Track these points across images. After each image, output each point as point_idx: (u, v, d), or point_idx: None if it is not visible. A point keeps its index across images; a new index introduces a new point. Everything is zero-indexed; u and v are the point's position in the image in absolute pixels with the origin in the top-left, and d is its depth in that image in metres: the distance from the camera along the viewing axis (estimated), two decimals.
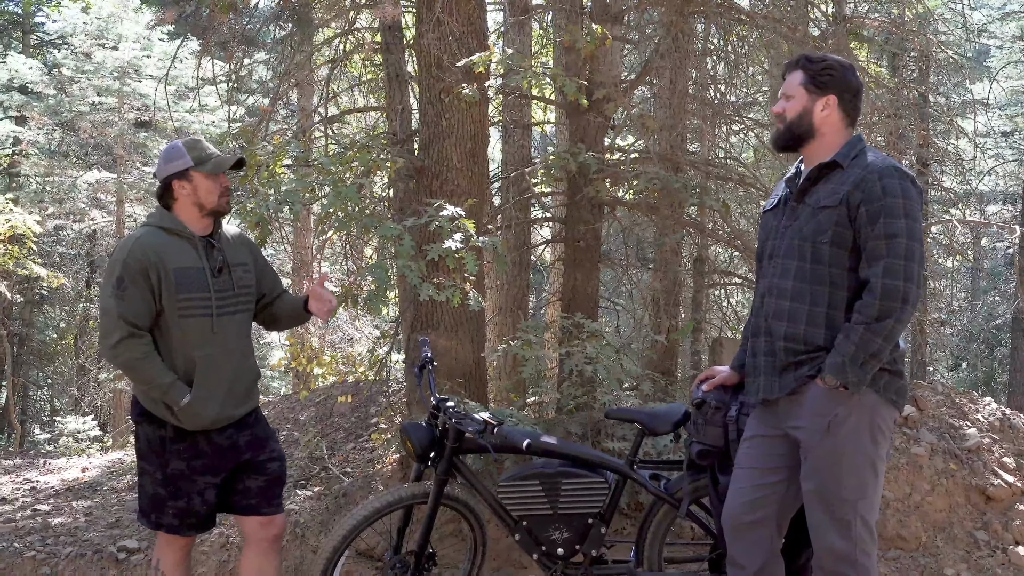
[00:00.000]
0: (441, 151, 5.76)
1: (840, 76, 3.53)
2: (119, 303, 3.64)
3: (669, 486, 4.31)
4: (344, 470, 6.66)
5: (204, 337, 3.78)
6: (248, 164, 5.56)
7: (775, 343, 3.55)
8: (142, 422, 3.86)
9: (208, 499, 3.89)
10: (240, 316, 3.96)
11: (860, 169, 3.39)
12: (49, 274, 16.09)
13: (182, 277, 3.72)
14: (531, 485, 4.27)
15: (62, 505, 6.78)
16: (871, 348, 3.26)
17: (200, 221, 3.86)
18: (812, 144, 3.56)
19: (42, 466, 8.84)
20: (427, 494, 4.27)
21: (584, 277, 6.45)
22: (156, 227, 3.81)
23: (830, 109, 3.52)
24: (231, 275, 3.90)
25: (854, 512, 3.40)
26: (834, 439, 3.39)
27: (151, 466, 3.85)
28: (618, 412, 4.55)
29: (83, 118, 17.25)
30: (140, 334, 3.68)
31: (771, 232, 3.70)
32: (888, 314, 3.24)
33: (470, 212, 5.30)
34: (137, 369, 3.69)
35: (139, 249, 3.69)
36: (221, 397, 3.83)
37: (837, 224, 3.38)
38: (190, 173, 3.80)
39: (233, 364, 3.90)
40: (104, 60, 16.98)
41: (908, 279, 3.25)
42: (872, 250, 3.31)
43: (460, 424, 4.17)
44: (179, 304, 3.71)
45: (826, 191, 3.46)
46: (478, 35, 5.79)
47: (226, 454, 3.91)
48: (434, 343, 5.57)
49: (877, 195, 3.30)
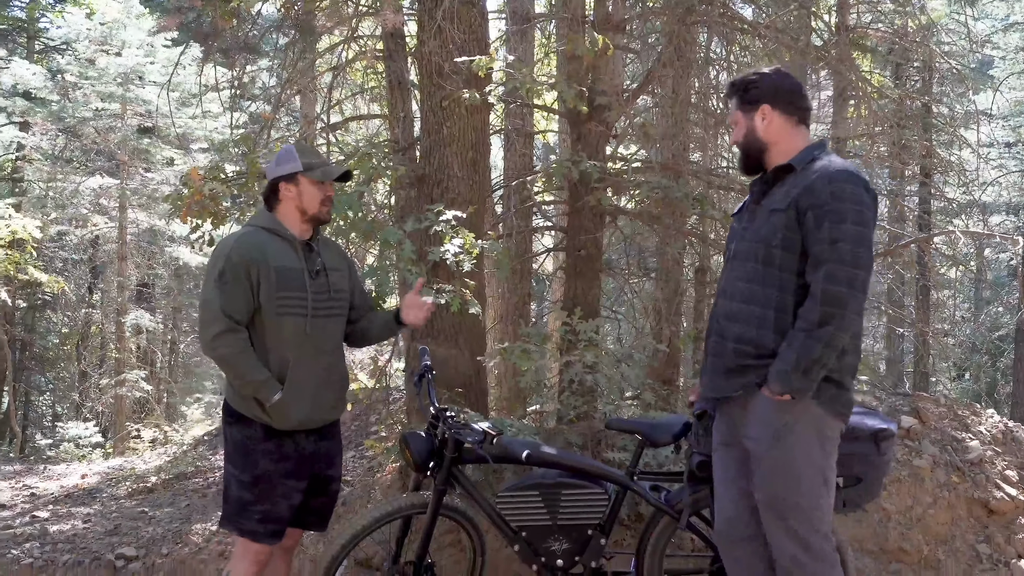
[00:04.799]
0: (442, 159, 5.75)
1: (765, 84, 3.56)
2: (220, 296, 3.72)
3: (669, 497, 4.27)
4: (344, 478, 6.62)
5: (298, 337, 3.84)
6: (250, 172, 5.56)
7: (725, 344, 3.55)
8: (232, 424, 3.91)
9: (293, 503, 3.92)
10: (333, 320, 4.01)
11: (813, 173, 3.39)
12: (50, 279, 16.11)
13: (282, 275, 3.79)
14: (530, 496, 4.25)
15: (61, 512, 6.76)
16: (813, 354, 3.24)
17: (300, 225, 3.94)
18: (770, 154, 3.58)
19: (42, 472, 8.83)
20: (426, 504, 4.24)
21: (585, 286, 6.42)
22: (259, 227, 3.91)
23: (769, 117, 3.55)
24: (328, 278, 3.97)
25: (808, 522, 3.40)
26: (783, 449, 3.38)
27: (237, 468, 3.88)
28: (618, 423, 4.51)
29: (86, 124, 17.28)
30: (238, 329, 3.75)
31: (734, 235, 3.72)
32: (829, 320, 3.22)
33: (471, 219, 5.29)
34: (233, 363, 3.75)
35: (242, 245, 3.79)
36: (310, 399, 3.88)
37: (787, 227, 3.37)
38: (298, 177, 3.90)
39: (324, 367, 3.95)
40: (108, 66, 17.00)
41: (851, 285, 3.22)
42: (817, 255, 3.29)
43: (459, 434, 4.14)
44: (277, 302, 3.78)
45: (780, 194, 3.46)
46: (480, 43, 5.78)
47: (309, 460, 3.96)
48: (434, 352, 5.55)
49: (825, 199, 3.28)
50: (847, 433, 3.68)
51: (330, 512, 4.24)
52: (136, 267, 19.03)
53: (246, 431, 3.87)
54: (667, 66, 6.53)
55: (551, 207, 8.50)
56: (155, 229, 18.04)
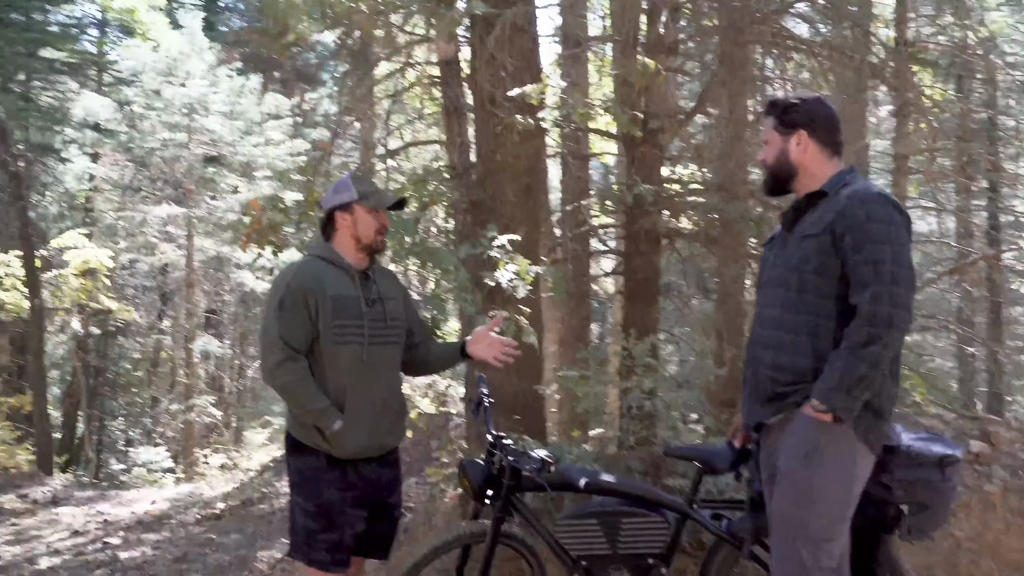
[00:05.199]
0: (497, 185, 5.77)
1: (805, 110, 3.55)
2: (280, 325, 3.78)
3: (731, 526, 4.20)
4: (407, 505, 6.64)
5: (355, 365, 3.87)
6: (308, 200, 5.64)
7: (761, 371, 3.52)
8: (294, 454, 3.95)
9: (356, 531, 3.94)
10: (390, 348, 4.03)
11: (845, 197, 3.37)
12: (120, 307, 16.45)
13: (338, 304, 3.83)
14: (589, 524, 4.21)
15: (131, 539, 6.88)
16: (857, 373, 3.20)
17: (356, 254, 3.98)
18: (799, 180, 3.57)
19: (114, 498, 9.00)
20: (485, 532, 4.22)
21: (642, 310, 6.38)
22: (316, 256, 3.96)
23: (804, 143, 3.53)
24: (384, 307, 3.99)
25: (814, 552, 3.37)
26: (809, 469, 3.34)
27: (303, 498, 3.92)
28: (676, 450, 4.46)
29: (153, 154, 17.68)
30: (297, 357, 3.80)
31: (766, 264, 3.71)
32: (874, 340, 3.19)
33: (525, 244, 5.30)
34: (293, 392, 3.81)
35: (300, 275, 3.85)
36: (369, 426, 3.90)
37: (821, 252, 3.35)
38: (353, 206, 3.94)
39: (382, 394, 3.98)
40: (173, 96, 17.41)
41: (895, 304, 3.19)
42: (859, 277, 3.25)
43: (517, 462, 4.12)
44: (334, 330, 3.81)
45: (812, 220, 3.44)
46: (532, 69, 5.80)
47: (371, 488, 3.99)
48: (491, 378, 5.53)
49: (861, 222, 3.26)
50: (911, 459, 3.61)
51: (392, 540, 4.25)
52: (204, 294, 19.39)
53: (309, 461, 3.91)
54: (723, 86, 6.50)
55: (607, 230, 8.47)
56: (221, 256, 18.36)
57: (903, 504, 3.66)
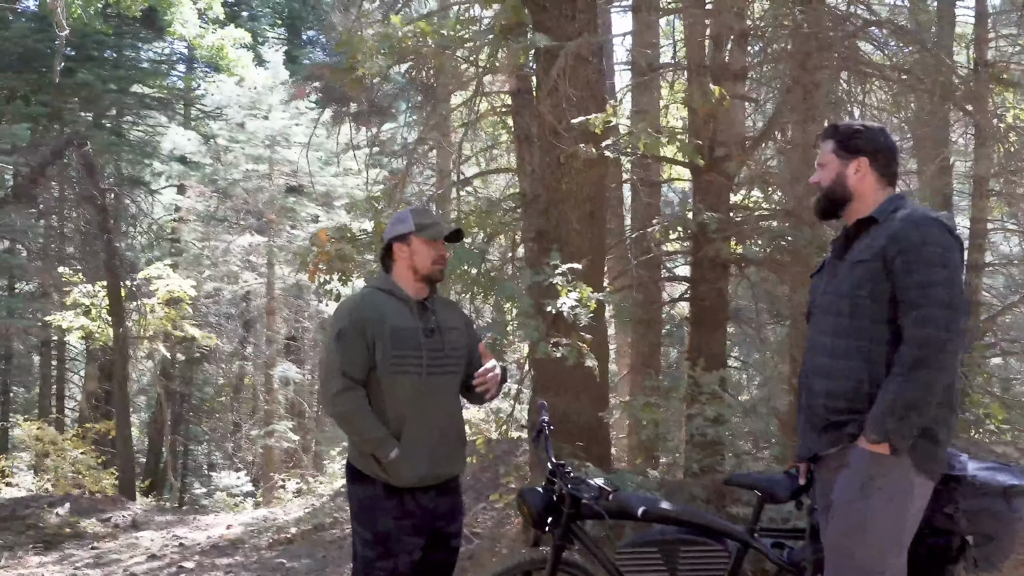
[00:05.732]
0: (561, 213, 5.80)
1: (869, 138, 3.53)
2: (339, 355, 3.88)
3: (792, 555, 4.15)
4: (473, 530, 6.68)
5: (414, 395, 3.93)
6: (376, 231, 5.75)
7: (815, 400, 3.50)
8: (354, 483, 4.03)
9: (414, 559, 3.98)
10: (449, 378, 4.09)
11: (897, 222, 3.35)
12: (203, 335, 16.84)
13: (396, 335, 3.90)
14: (649, 552, 4.19)
15: (205, 563, 7.02)
16: (908, 399, 3.16)
17: (414, 285, 4.07)
18: (851, 207, 3.55)
19: (192, 522, 9.20)
20: (545, 560, 4.23)
21: (709, 336, 6.36)
22: (376, 288, 4.08)
23: (863, 171, 3.52)
24: (443, 337, 4.05)
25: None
26: (865, 502, 3.30)
27: (361, 526, 4.00)
28: (738, 478, 4.43)
29: (237, 185, 18.13)
30: (356, 387, 3.89)
31: (816, 292, 3.68)
32: (926, 364, 3.15)
33: (588, 272, 5.33)
34: (351, 421, 3.90)
35: (359, 306, 3.97)
36: (427, 455, 3.94)
37: (874, 277, 3.32)
38: (410, 237, 4.03)
39: (441, 423, 4.02)
40: (256, 130, 17.86)
41: (947, 328, 3.15)
42: (910, 300, 3.23)
43: (576, 490, 4.14)
44: (392, 360, 3.88)
45: (863, 245, 3.42)
46: (597, 99, 5.84)
47: (429, 517, 4.03)
48: (554, 405, 5.57)
49: (914, 245, 3.24)
50: (976, 489, 3.55)
51: (452, 567, 4.28)
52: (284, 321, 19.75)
53: (368, 490, 3.97)
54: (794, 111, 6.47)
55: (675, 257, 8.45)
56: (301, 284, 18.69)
57: (968, 535, 3.60)
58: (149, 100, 19.64)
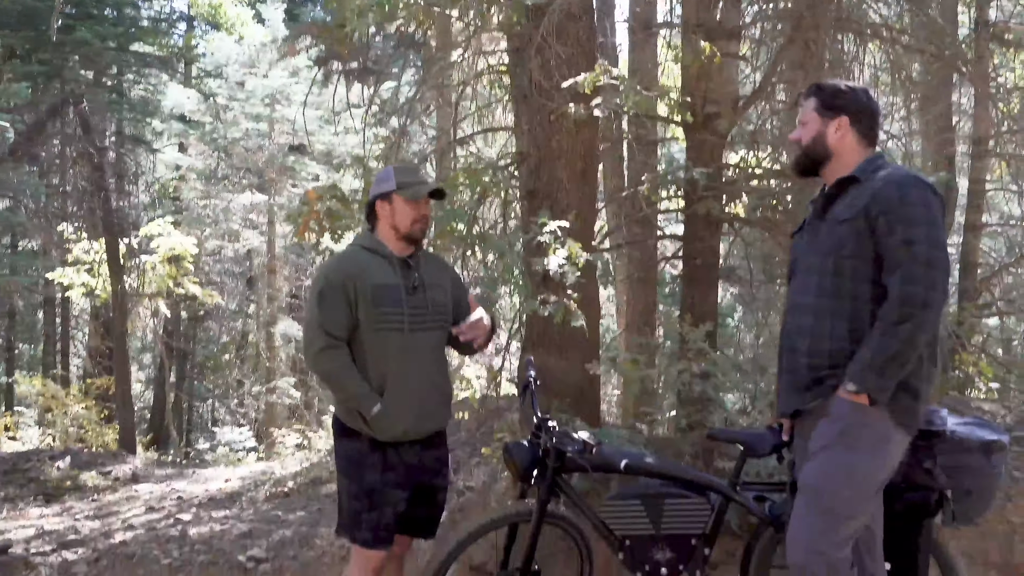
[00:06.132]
0: (551, 172, 5.81)
1: (851, 98, 3.56)
2: (320, 314, 3.94)
3: (774, 508, 4.23)
4: (468, 484, 6.77)
5: (396, 351, 4.00)
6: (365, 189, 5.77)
7: (798, 360, 3.55)
8: (340, 438, 4.13)
9: (399, 511, 4.09)
10: (432, 334, 4.15)
11: (879, 181, 3.38)
12: (205, 292, 16.90)
13: (378, 292, 3.96)
14: (633, 505, 4.27)
15: (202, 515, 7.13)
16: (889, 352, 3.21)
17: (397, 243, 4.12)
18: (830, 166, 3.58)
19: (191, 476, 9.31)
20: (531, 512, 4.31)
21: (701, 294, 6.38)
22: (359, 246, 4.14)
23: (843, 130, 3.54)
24: (426, 294, 4.11)
25: (833, 528, 3.38)
26: (842, 449, 3.36)
27: (348, 479, 4.09)
28: (720, 433, 4.51)
29: (237, 144, 18.10)
30: (338, 345, 3.96)
31: (797, 252, 3.73)
32: (907, 319, 3.20)
33: (579, 230, 5.35)
34: (334, 378, 3.99)
35: (340, 265, 4.04)
36: (411, 410, 4.03)
37: (857, 236, 3.36)
38: (392, 196, 4.08)
39: (424, 379, 4.10)
40: (255, 88, 17.78)
41: (929, 286, 3.20)
42: (892, 258, 3.27)
43: (560, 444, 4.21)
44: (375, 318, 3.95)
45: (844, 205, 3.46)
46: (588, 57, 5.82)
47: (413, 471, 4.12)
48: (544, 362, 5.63)
49: (896, 204, 3.28)
50: (956, 444, 3.61)
51: (438, 520, 4.38)
52: (285, 279, 19.81)
53: (354, 444, 4.05)
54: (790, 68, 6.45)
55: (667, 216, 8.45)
56: (302, 242, 18.68)
57: (947, 489, 3.67)
58: (149, 58, 19.53)
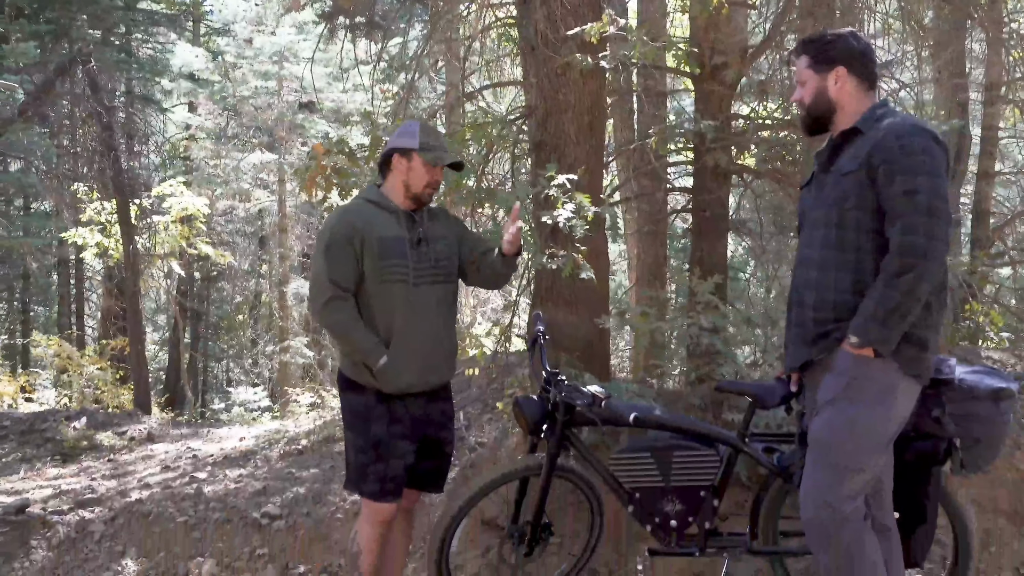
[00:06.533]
0: (558, 125, 5.75)
1: (841, 45, 3.53)
2: (327, 266, 3.96)
3: (783, 459, 4.24)
4: (480, 440, 6.80)
5: (402, 304, 4.02)
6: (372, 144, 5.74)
7: (805, 313, 3.56)
8: (346, 391, 4.16)
9: (407, 463, 4.12)
10: (439, 287, 4.17)
11: (881, 131, 3.35)
12: (217, 252, 16.93)
13: (383, 245, 3.97)
14: (642, 458, 4.28)
15: (217, 473, 7.18)
16: (890, 304, 3.21)
17: (404, 199, 4.12)
18: (837, 118, 3.56)
19: (206, 436, 9.37)
20: (540, 466, 4.33)
21: (710, 247, 6.35)
22: (365, 200, 4.13)
23: (842, 80, 3.52)
24: (430, 247, 4.12)
25: (840, 481, 3.42)
26: (848, 399, 3.38)
27: (354, 433, 4.13)
28: (729, 385, 4.49)
29: (245, 102, 18.04)
30: (345, 296, 3.98)
31: (804, 205, 3.73)
32: (908, 269, 3.19)
33: (586, 183, 5.31)
34: (341, 330, 4.00)
35: (347, 218, 4.02)
36: (417, 363, 4.06)
37: (860, 187, 3.35)
38: (412, 154, 4.07)
39: (430, 333, 4.12)
40: (263, 45, 17.69)
41: (930, 236, 3.18)
42: (893, 208, 3.26)
43: (569, 398, 4.22)
44: (380, 270, 3.97)
45: (848, 156, 3.45)
46: (593, 6, 5.75)
47: (419, 423, 4.16)
48: (553, 317, 5.62)
49: (896, 154, 3.26)
50: (964, 392, 3.61)
51: (445, 473, 4.41)
52: (297, 238, 19.82)
53: (360, 398, 4.08)
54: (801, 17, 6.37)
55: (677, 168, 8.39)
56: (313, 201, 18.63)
57: (955, 438, 3.67)
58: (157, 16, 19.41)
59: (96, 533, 6.21)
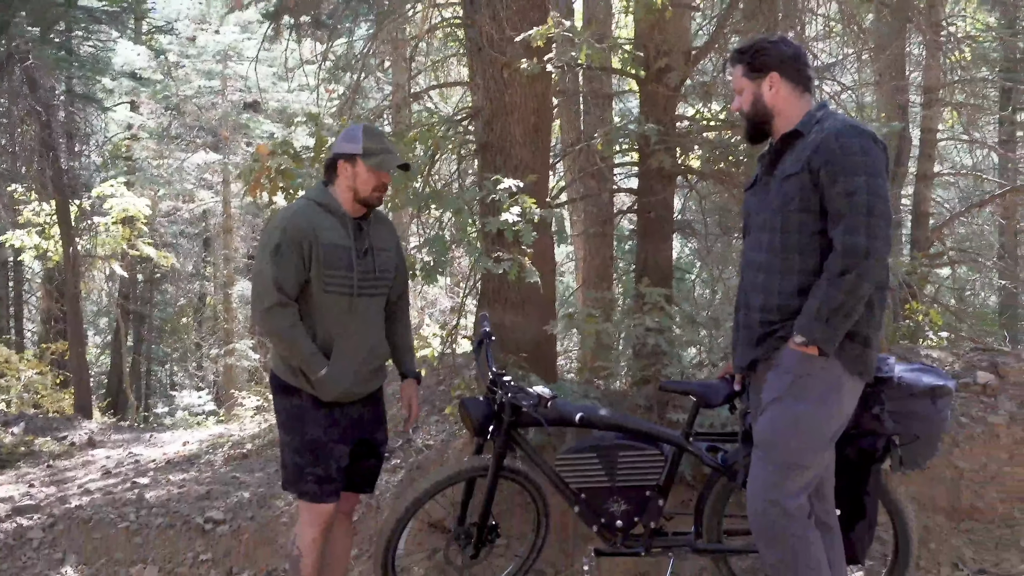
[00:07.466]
0: (504, 126, 5.75)
1: (773, 52, 3.58)
2: (274, 269, 3.87)
3: (726, 458, 4.28)
4: (427, 442, 6.78)
5: (343, 314, 3.98)
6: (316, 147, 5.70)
7: (752, 316, 3.61)
8: (281, 395, 4.09)
9: (342, 465, 4.10)
10: (378, 298, 4.15)
11: (820, 133, 3.41)
12: (159, 254, 16.71)
13: (330, 253, 3.92)
14: (588, 458, 4.30)
15: (160, 478, 7.09)
16: (833, 303, 3.27)
17: (352, 204, 4.06)
18: (776, 123, 3.61)
19: (148, 440, 9.25)
20: (487, 467, 4.34)
21: (655, 248, 6.40)
22: (312, 201, 4.04)
23: (776, 86, 3.57)
24: (375, 258, 4.08)
25: (784, 478, 3.48)
26: (792, 397, 3.43)
27: (289, 435, 4.08)
28: (672, 384, 4.53)
29: (189, 101, 17.82)
30: (288, 303, 3.91)
31: (748, 209, 3.77)
32: (849, 269, 3.25)
33: (533, 186, 5.32)
34: (283, 337, 3.92)
35: (297, 219, 3.93)
36: (354, 372, 4.03)
37: (802, 190, 3.40)
38: (356, 159, 4.00)
39: (368, 342, 4.10)
40: (207, 44, 17.49)
41: (871, 235, 3.24)
42: (835, 209, 3.32)
43: (515, 398, 4.23)
44: (324, 279, 3.92)
45: (790, 160, 3.50)
46: (540, 8, 5.76)
47: (354, 426, 4.14)
48: (500, 319, 5.63)
49: (836, 155, 3.32)
50: (902, 390, 3.68)
51: (377, 474, 4.41)
52: (242, 239, 19.63)
53: (295, 400, 4.04)
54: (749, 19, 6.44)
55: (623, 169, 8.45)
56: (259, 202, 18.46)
57: (894, 435, 3.73)
58: (98, 13, 19.09)
59: (35, 540, 6.10)
